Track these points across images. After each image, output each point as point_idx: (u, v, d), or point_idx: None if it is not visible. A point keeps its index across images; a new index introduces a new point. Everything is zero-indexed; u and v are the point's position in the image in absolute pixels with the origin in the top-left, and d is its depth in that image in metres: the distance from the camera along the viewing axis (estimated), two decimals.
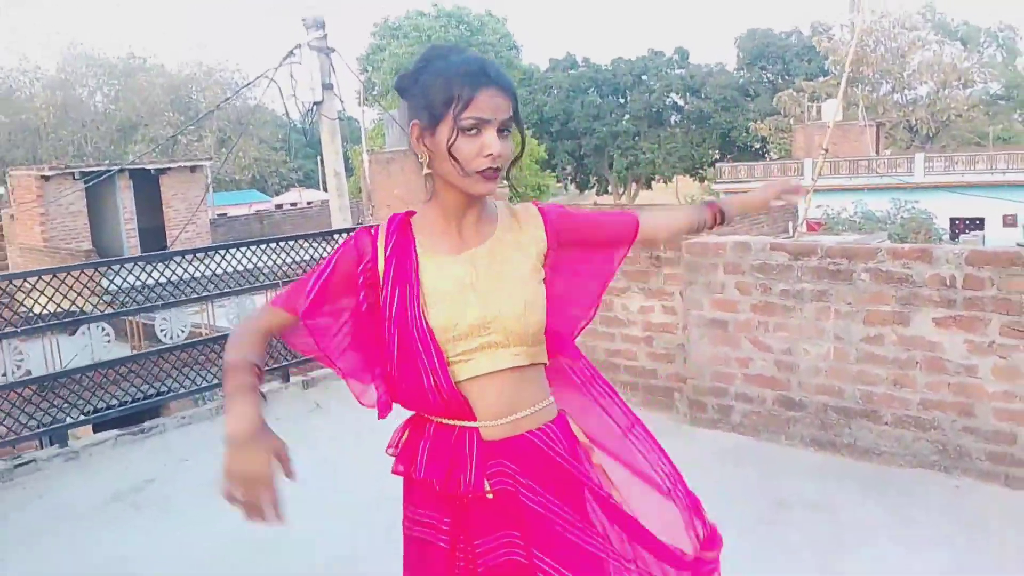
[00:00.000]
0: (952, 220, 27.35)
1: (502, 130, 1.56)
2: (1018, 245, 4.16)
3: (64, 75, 43.76)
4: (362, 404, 1.71)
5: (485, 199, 1.65)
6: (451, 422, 1.64)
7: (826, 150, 10.05)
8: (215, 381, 5.43)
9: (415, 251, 1.63)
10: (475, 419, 1.62)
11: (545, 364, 1.71)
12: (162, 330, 5.20)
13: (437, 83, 1.55)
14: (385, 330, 1.62)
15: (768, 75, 49.95)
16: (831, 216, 20.38)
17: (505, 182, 1.71)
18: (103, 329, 4.88)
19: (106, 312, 5.03)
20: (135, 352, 5.69)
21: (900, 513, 3.62)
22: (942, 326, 3.89)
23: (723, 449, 4.44)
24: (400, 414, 1.78)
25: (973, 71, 40.33)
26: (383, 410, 1.70)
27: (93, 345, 4.84)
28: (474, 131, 1.53)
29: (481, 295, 1.61)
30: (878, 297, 4.05)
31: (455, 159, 1.53)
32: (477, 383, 1.61)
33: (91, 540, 3.76)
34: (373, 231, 1.67)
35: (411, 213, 1.69)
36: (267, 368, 5.58)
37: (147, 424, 5.01)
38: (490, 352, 1.61)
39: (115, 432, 4.85)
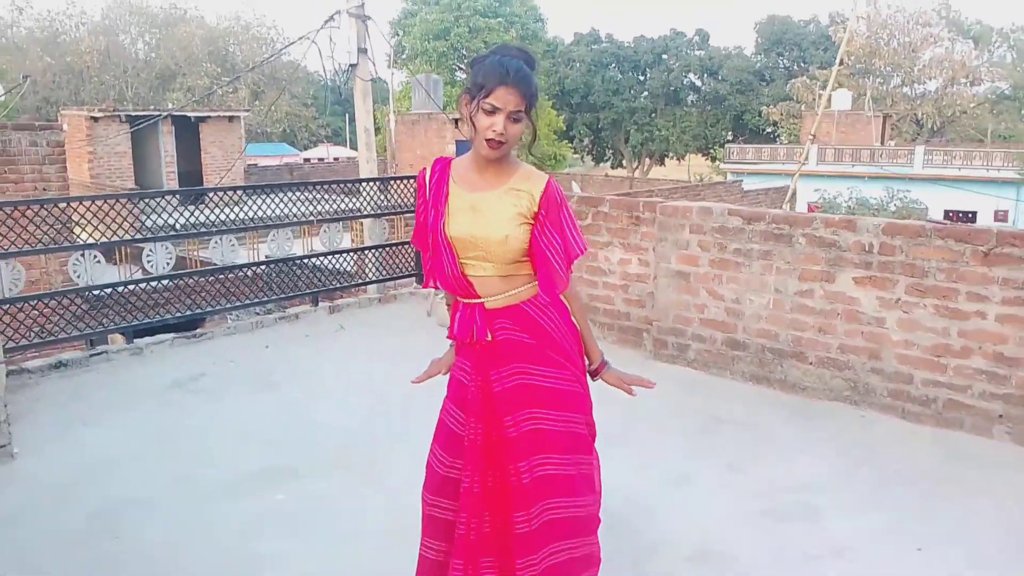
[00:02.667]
0: (946, 212, 27.72)
1: (513, 117, 2.16)
2: (928, 220, 4.81)
3: (108, 21, 44.20)
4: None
5: (507, 162, 2.27)
6: (467, 300, 2.31)
7: (814, 136, 10.64)
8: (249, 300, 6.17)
9: (447, 184, 2.30)
10: (479, 296, 2.30)
11: (527, 273, 2.32)
12: (148, 260, 5.59)
13: (480, 73, 2.18)
14: (427, 234, 2.32)
15: (784, 61, 49.88)
16: (827, 200, 20.85)
17: (530, 156, 2.40)
18: (95, 256, 5.30)
19: (167, 236, 5.74)
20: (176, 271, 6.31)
21: (812, 434, 4.32)
22: (860, 284, 4.56)
23: (679, 379, 5.14)
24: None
25: (982, 69, 40.25)
26: (425, 284, 2.50)
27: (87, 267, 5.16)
28: (490, 112, 2.15)
29: (477, 224, 2.25)
30: (811, 258, 4.72)
31: (474, 126, 2.19)
32: (477, 279, 2.28)
33: (156, 414, 4.51)
34: (423, 173, 2.39)
35: (451, 158, 2.38)
36: (298, 293, 6.34)
37: (199, 330, 5.76)
38: (481, 263, 2.27)
39: (172, 335, 5.59)
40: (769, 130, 46.83)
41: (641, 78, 51.32)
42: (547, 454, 2.28)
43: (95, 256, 5.23)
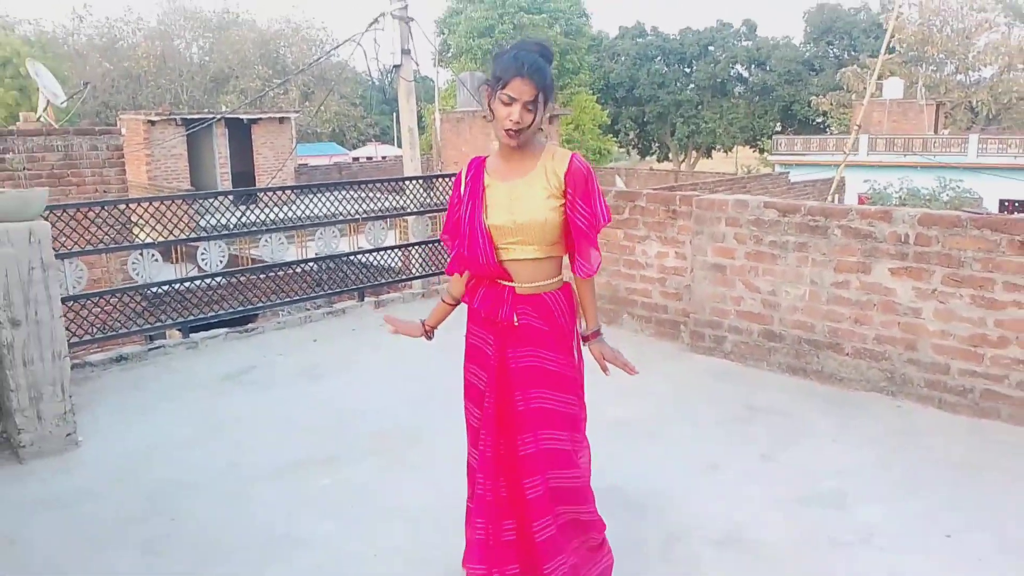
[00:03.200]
0: (1001, 202, 26.97)
1: (528, 107, 2.31)
2: (963, 211, 4.77)
3: (164, 27, 45.33)
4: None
5: (532, 147, 2.42)
6: (500, 282, 2.49)
7: (859, 125, 10.49)
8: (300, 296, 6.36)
9: (483, 179, 2.47)
10: (513, 281, 2.46)
11: (560, 257, 2.51)
12: (203, 257, 5.86)
13: (498, 66, 2.34)
14: (461, 226, 2.49)
15: (834, 50, 48.91)
16: (877, 191, 20.44)
17: (566, 145, 2.56)
18: (153, 255, 5.49)
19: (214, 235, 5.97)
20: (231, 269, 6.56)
21: (846, 423, 4.34)
22: (896, 275, 4.55)
23: (715, 371, 5.18)
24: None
25: None
26: (449, 271, 2.71)
27: (145, 265, 5.42)
28: (508, 102, 2.32)
29: (516, 210, 2.41)
30: (847, 249, 4.72)
31: (494, 116, 2.35)
32: (513, 264, 2.46)
33: (209, 404, 4.72)
34: (461, 173, 2.57)
35: (486, 157, 2.56)
36: (345, 289, 6.53)
37: (250, 326, 5.98)
38: (519, 247, 2.44)
39: (225, 330, 5.82)
40: (819, 121, 45.99)
41: (687, 70, 50.83)
42: (550, 430, 2.45)
43: (153, 255, 5.47)
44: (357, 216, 6.58)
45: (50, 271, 3.99)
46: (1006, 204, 27.11)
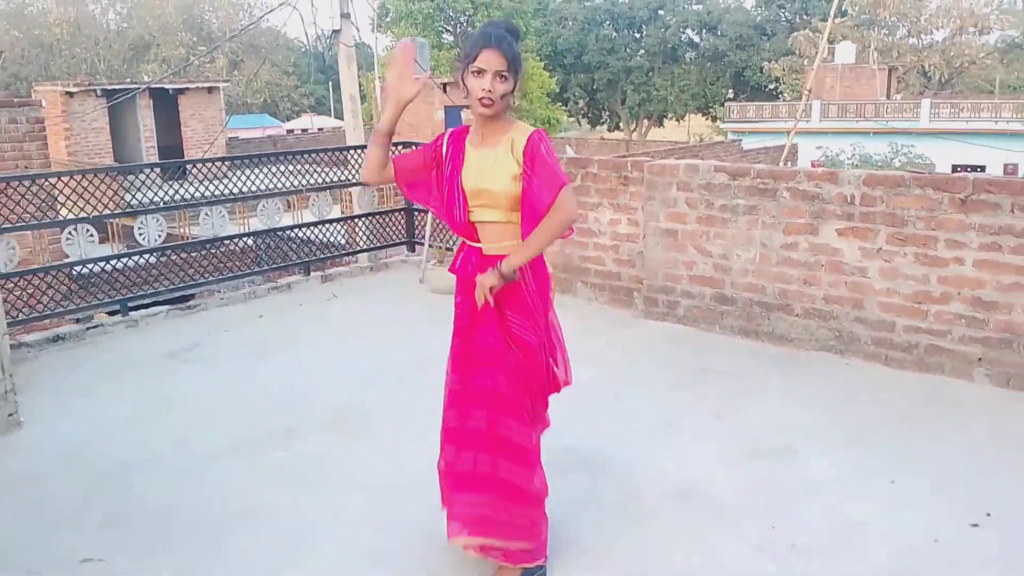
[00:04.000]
0: (953, 167, 27.93)
1: (499, 76, 2.54)
2: (907, 171, 5.07)
3: None
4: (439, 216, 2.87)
5: (503, 120, 2.65)
6: (471, 243, 2.76)
7: (809, 91, 10.80)
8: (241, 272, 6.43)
9: (464, 145, 2.72)
10: (479, 242, 2.73)
11: (518, 224, 2.70)
12: (140, 232, 5.84)
13: (467, 45, 2.58)
14: (444, 185, 2.74)
15: (786, 14, 49.72)
16: (829, 158, 21.08)
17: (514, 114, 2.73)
18: (88, 231, 5.53)
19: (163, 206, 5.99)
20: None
21: (796, 381, 4.62)
22: (843, 235, 4.84)
23: (669, 335, 5.43)
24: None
25: (991, 17, 40.18)
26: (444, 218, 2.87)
27: (80, 242, 5.48)
28: (478, 74, 2.54)
29: (483, 177, 2.66)
30: (795, 211, 4.99)
31: (467, 89, 2.58)
32: (481, 225, 2.72)
33: (151, 383, 4.79)
34: (442, 136, 2.79)
35: (468, 127, 2.77)
36: (290, 263, 6.61)
37: (192, 303, 6.03)
38: (484, 210, 2.70)
39: (166, 307, 5.87)
40: (771, 87, 46.80)
41: (637, 36, 51.16)
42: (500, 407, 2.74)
43: (88, 231, 5.48)
44: (301, 188, 6.65)
45: None
46: (958, 169, 28.08)
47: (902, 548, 3.01)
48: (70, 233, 5.48)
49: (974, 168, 28.54)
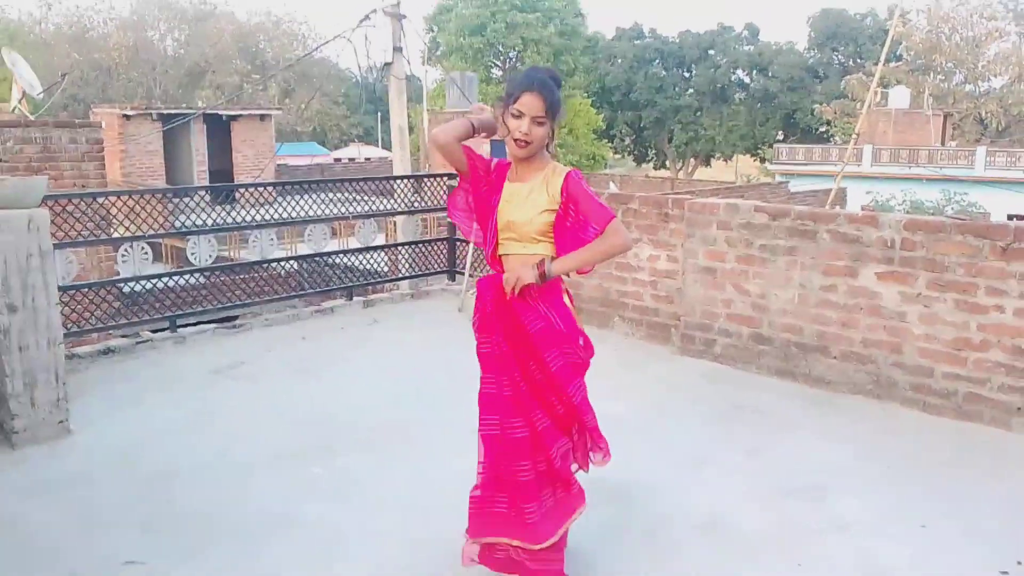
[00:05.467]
0: (1009, 216, 27.53)
1: (537, 121, 2.69)
2: (947, 216, 5.11)
3: (137, 17, 45.44)
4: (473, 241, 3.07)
5: (537, 160, 2.79)
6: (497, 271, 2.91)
7: (858, 135, 10.82)
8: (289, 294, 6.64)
9: (504, 181, 2.88)
10: (505, 271, 2.86)
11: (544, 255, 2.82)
12: (192, 252, 6.11)
13: (510, 84, 2.76)
14: (485, 211, 2.89)
15: (839, 57, 49.74)
16: (879, 204, 20.94)
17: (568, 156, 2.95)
18: (143, 248, 5.79)
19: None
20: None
21: (830, 422, 4.66)
22: (882, 279, 4.89)
23: (705, 373, 5.50)
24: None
25: None
26: (479, 244, 3.01)
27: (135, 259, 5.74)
28: (517, 116, 2.70)
29: (512, 210, 2.82)
30: (835, 254, 5.06)
31: (507, 127, 2.74)
32: (506, 258, 2.88)
33: (197, 397, 5.00)
34: (493, 161, 2.93)
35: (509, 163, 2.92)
36: (333, 288, 6.81)
37: (237, 322, 6.25)
38: (510, 242, 2.85)
39: (213, 325, 6.10)
40: (822, 129, 46.63)
41: (686, 75, 51.52)
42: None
43: (143, 248, 5.74)
44: (347, 214, 6.87)
45: (47, 259, 4.26)
46: (1014, 219, 27.65)
47: None
48: (126, 251, 5.74)
49: None
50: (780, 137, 48.43)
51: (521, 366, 2.82)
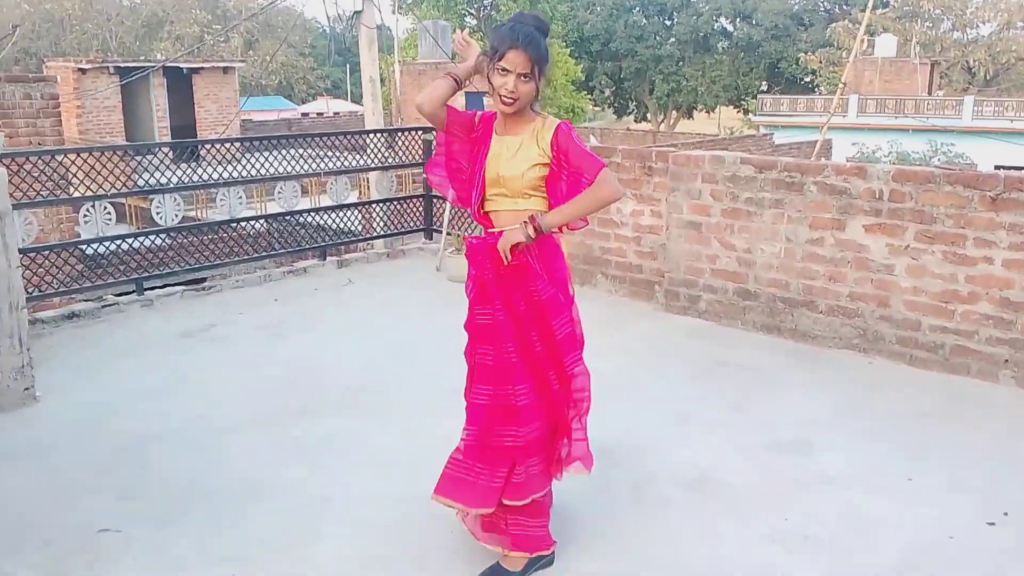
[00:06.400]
0: (996, 167, 27.78)
1: (523, 77, 2.66)
2: (936, 166, 5.16)
3: None
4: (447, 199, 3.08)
5: (526, 113, 2.78)
6: (488, 230, 2.87)
7: (844, 84, 10.84)
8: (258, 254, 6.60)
9: (492, 134, 2.85)
10: (494, 227, 2.85)
11: (537, 210, 2.81)
12: (158, 211, 6.02)
13: (494, 39, 2.70)
14: (469, 165, 2.88)
15: (825, 4, 49.55)
16: (864, 156, 21.05)
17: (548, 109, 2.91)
18: (105, 208, 5.70)
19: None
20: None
21: (816, 377, 4.74)
22: (870, 232, 4.95)
23: (689, 329, 5.56)
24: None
25: None
26: (456, 203, 3.05)
27: (97, 220, 5.65)
28: (503, 73, 2.67)
29: (501, 164, 2.80)
30: (822, 206, 5.10)
31: (491, 85, 2.71)
32: (495, 214, 2.85)
33: (167, 360, 4.99)
34: (478, 114, 2.91)
35: (495, 113, 2.89)
36: (306, 247, 6.79)
37: (207, 284, 6.22)
38: (499, 198, 2.83)
39: (181, 288, 6.06)
40: (807, 79, 46.62)
41: (667, 23, 51.12)
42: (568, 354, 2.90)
43: (106, 208, 5.68)
44: (320, 172, 6.82)
45: (6, 219, 4.21)
46: (1001, 169, 27.91)
47: (916, 543, 3.13)
48: (87, 211, 5.67)
49: (1019, 169, 28.37)
50: (764, 88, 48.36)
51: (520, 336, 2.82)
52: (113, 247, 5.87)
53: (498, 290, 2.82)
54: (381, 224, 7.73)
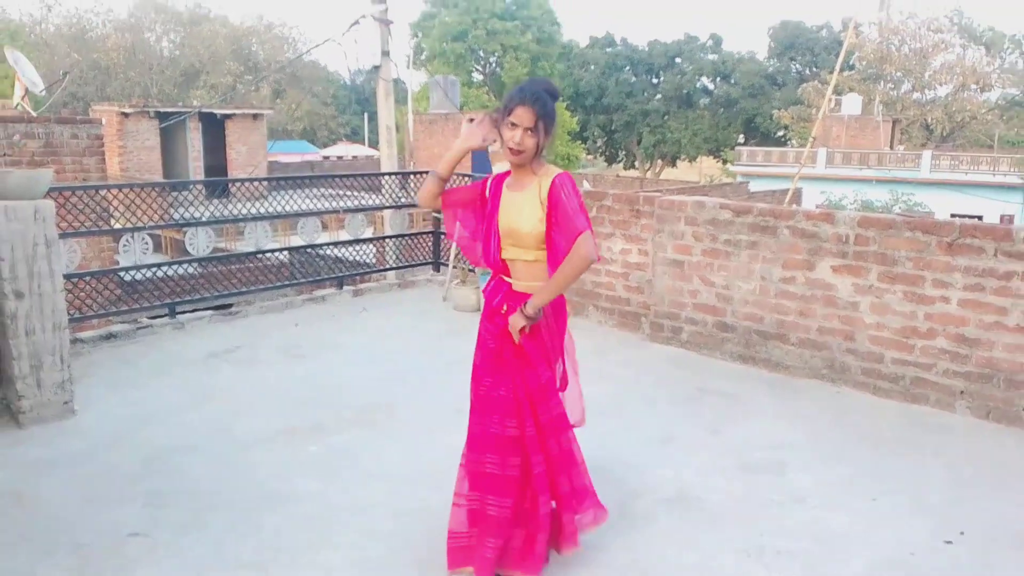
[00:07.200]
0: (952, 215, 27.92)
1: (529, 131, 2.68)
2: (897, 214, 5.18)
3: (134, 19, 44.86)
4: (471, 260, 3.05)
5: (533, 166, 2.77)
6: (504, 278, 2.87)
7: (814, 138, 10.86)
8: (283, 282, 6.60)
9: (503, 188, 2.87)
10: (511, 277, 2.86)
11: (544, 263, 2.82)
12: (190, 242, 6.05)
13: (507, 97, 2.75)
14: (484, 221, 2.91)
15: (796, 66, 50.03)
16: (832, 203, 21.14)
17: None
18: (144, 239, 5.74)
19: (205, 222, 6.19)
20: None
21: (788, 404, 4.72)
22: (837, 272, 4.95)
23: (671, 358, 5.55)
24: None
25: (993, 76, 40.18)
26: (477, 262, 3.03)
27: (136, 250, 5.62)
28: (512, 127, 2.70)
29: (511, 217, 2.80)
30: (794, 248, 5.11)
31: (502, 138, 2.74)
32: (511, 263, 2.85)
33: (198, 378, 4.97)
34: (489, 177, 2.96)
35: (509, 172, 2.90)
36: (325, 278, 6.79)
37: (233, 309, 6.21)
38: (514, 248, 2.83)
39: (210, 312, 6.05)
40: (780, 134, 46.99)
41: (655, 81, 51.65)
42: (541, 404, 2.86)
43: (144, 239, 5.69)
44: (339, 209, 6.84)
45: (53, 247, 4.21)
46: (956, 218, 28.03)
47: (879, 559, 3.10)
48: (126, 241, 5.68)
49: (972, 218, 28.52)
50: (741, 140, 48.69)
51: (514, 376, 2.83)
52: (149, 274, 5.87)
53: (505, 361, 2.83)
54: (393, 257, 7.75)
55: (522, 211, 2.77)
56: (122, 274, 5.86)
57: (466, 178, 6.88)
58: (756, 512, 3.41)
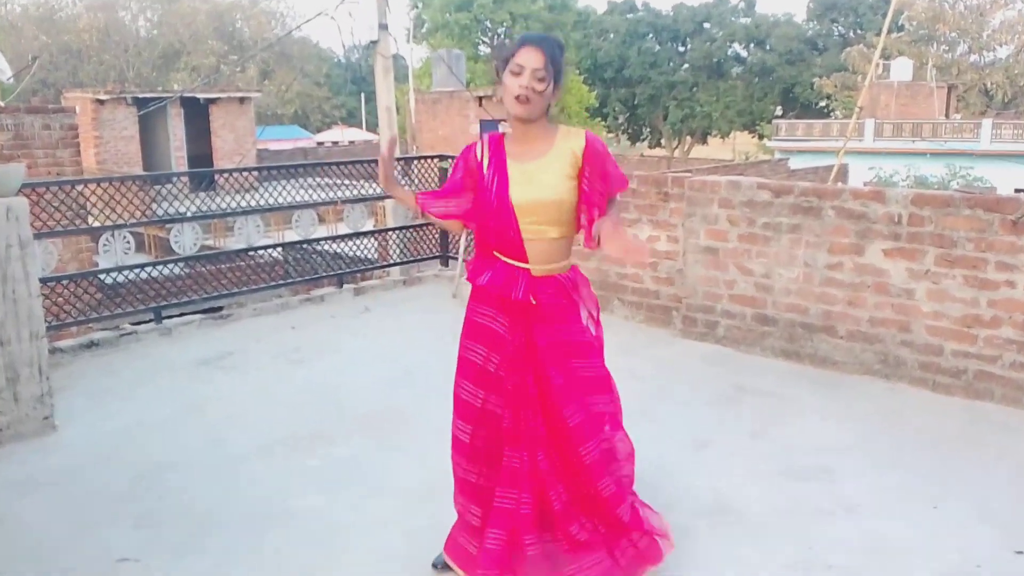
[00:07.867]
0: (1016, 191, 27.67)
1: (537, 75, 2.57)
2: (955, 190, 5.15)
3: None
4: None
5: (545, 128, 2.70)
6: (512, 262, 2.74)
7: (860, 108, 10.81)
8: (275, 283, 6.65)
9: (505, 156, 2.74)
10: (528, 262, 2.74)
11: (571, 237, 2.81)
12: (176, 240, 6.08)
13: (504, 46, 2.68)
14: (487, 200, 2.74)
15: (839, 28, 49.79)
16: (882, 180, 21.02)
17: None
18: (125, 238, 5.81)
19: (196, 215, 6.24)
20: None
21: (836, 403, 4.71)
22: (889, 256, 4.94)
23: (707, 355, 5.55)
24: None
25: None
26: (425, 208, 2.95)
27: (117, 249, 5.74)
28: (516, 73, 2.59)
29: (534, 190, 2.68)
30: (840, 230, 5.10)
31: (505, 91, 2.63)
32: (531, 243, 2.72)
33: (185, 388, 5.02)
34: (474, 145, 2.85)
35: (504, 134, 2.83)
36: (324, 275, 6.84)
37: (224, 312, 6.27)
38: (538, 227, 2.70)
39: (199, 316, 6.11)
40: (822, 104, 46.72)
41: (681, 49, 51.47)
42: (593, 396, 2.87)
43: (125, 238, 5.75)
44: (336, 199, 6.88)
45: (27, 248, 4.26)
46: (1021, 192, 27.78)
47: (943, 573, 3.09)
48: (107, 240, 5.74)
49: None
50: (779, 112, 48.51)
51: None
52: (132, 276, 5.93)
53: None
54: (397, 251, 7.78)
55: (544, 181, 2.67)
56: (103, 276, 5.91)
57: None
58: (803, 523, 3.41)
